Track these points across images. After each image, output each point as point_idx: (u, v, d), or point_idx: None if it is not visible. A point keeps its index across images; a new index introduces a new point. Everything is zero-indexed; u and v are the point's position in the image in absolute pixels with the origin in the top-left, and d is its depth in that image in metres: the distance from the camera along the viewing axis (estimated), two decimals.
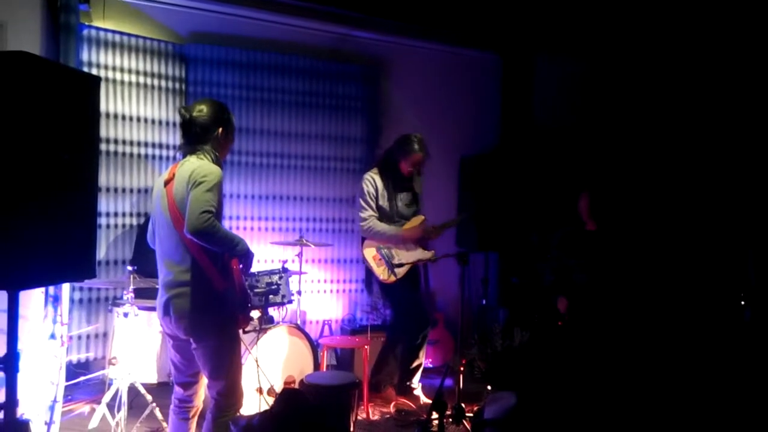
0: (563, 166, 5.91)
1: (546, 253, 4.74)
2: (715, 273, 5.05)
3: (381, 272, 4.38)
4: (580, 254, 4.51)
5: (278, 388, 3.85)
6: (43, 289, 3.80)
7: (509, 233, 5.73)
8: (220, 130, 2.93)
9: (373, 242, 4.45)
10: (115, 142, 4.69)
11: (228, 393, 2.89)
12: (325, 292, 5.56)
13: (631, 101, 5.87)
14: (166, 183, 2.87)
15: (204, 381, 2.97)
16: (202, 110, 2.90)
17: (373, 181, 4.44)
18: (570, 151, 5.93)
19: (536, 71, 6.21)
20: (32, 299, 3.69)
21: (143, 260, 4.32)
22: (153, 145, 4.87)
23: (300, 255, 4.72)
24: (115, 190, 4.70)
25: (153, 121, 4.87)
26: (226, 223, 4.91)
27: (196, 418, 3.03)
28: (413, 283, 4.52)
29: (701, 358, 4.28)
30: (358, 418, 3.92)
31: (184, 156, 2.91)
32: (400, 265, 4.32)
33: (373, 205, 4.42)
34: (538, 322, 5.04)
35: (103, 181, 4.60)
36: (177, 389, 3.03)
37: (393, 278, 4.32)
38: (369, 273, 4.52)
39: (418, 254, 4.44)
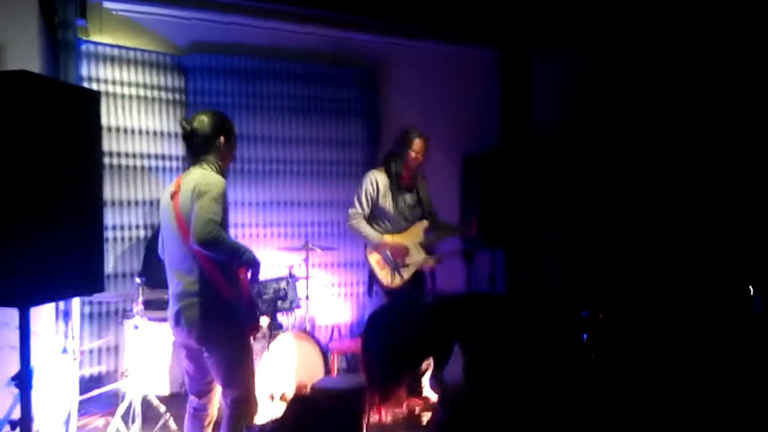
0: (566, 160, 5.91)
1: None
2: (723, 268, 5.04)
3: (384, 276, 4.34)
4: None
5: (290, 394, 3.86)
6: (53, 304, 3.82)
7: (516, 229, 5.73)
8: (222, 139, 2.96)
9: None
10: (119, 155, 4.70)
11: (242, 401, 2.92)
12: (333, 296, 5.57)
13: (631, 94, 5.87)
14: (172, 195, 2.90)
15: (218, 390, 2.99)
16: (202, 121, 2.93)
17: (375, 179, 4.40)
18: (572, 145, 5.93)
19: (534, 65, 6.20)
20: (42, 315, 3.71)
21: (151, 272, 4.34)
22: (156, 157, 4.89)
23: (306, 260, 4.72)
24: (121, 203, 4.71)
25: (155, 133, 4.88)
26: (231, 231, 4.92)
27: (211, 427, 3.06)
28: (417, 286, 4.50)
29: (710, 356, 4.26)
30: (371, 420, 3.92)
31: (189, 167, 2.94)
32: (405, 266, 4.31)
33: (366, 204, 4.38)
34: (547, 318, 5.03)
35: (108, 194, 4.62)
36: (192, 398, 3.05)
37: (398, 281, 4.30)
38: (371, 277, 4.49)
39: (423, 258, 4.42)
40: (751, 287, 4.77)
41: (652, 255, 5.44)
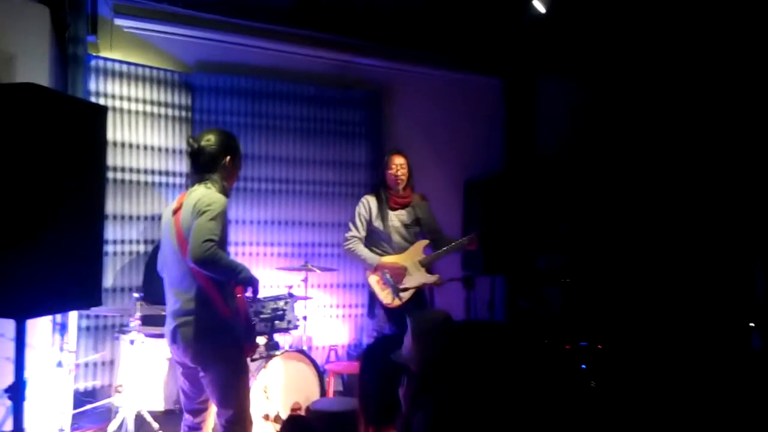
0: (568, 186, 5.92)
1: None
2: (723, 302, 5.01)
3: (385, 296, 4.35)
4: None
5: (284, 414, 3.83)
6: (50, 317, 3.81)
7: (516, 256, 5.72)
8: (228, 158, 2.98)
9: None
10: (122, 170, 4.73)
11: (237, 421, 2.90)
12: (331, 317, 5.55)
13: (633, 120, 5.91)
14: (174, 212, 2.91)
15: (213, 408, 2.97)
16: (209, 140, 2.95)
17: (367, 203, 4.46)
18: (574, 171, 5.96)
19: (539, 94, 6.26)
20: (39, 327, 3.70)
21: (150, 287, 4.34)
22: (160, 173, 4.91)
23: (305, 280, 4.72)
24: (122, 217, 4.73)
25: (160, 149, 4.92)
26: (231, 249, 4.93)
27: None
28: (419, 307, 4.49)
29: (708, 390, 4.23)
30: None
31: (193, 185, 2.95)
32: (405, 290, 4.30)
33: (361, 227, 4.42)
34: (547, 346, 5.01)
35: (110, 208, 4.64)
36: (187, 416, 3.03)
37: (398, 302, 4.30)
38: (372, 298, 4.49)
39: (423, 278, 4.41)
40: (751, 323, 4.75)
41: (653, 284, 5.43)
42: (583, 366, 4.48)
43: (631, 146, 5.92)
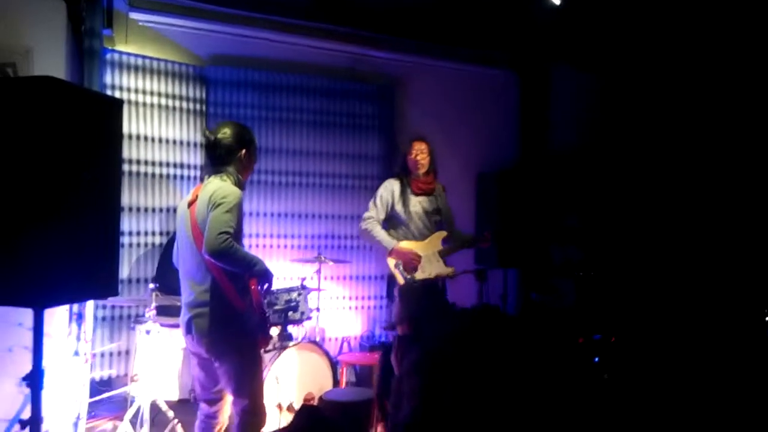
0: (581, 178, 5.90)
1: None
2: (738, 280, 4.98)
3: (402, 280, 4.33)
4: None
5: (297, 405, 3.87)
6: (67, 306, 3.87)
7: (529, 249, 5.71)
8: (244, 151, 3.00)
9: None
10: (138, 162, 4.78)
11: (252, 410, 2.93)
12: (343, 308, 5.59)
13: (648, 113, 5.86)
14: (190, 204, 2.94)
15: (229, 398, 3.01)
16: (225, 132, 2.97)
17: (390, 186, 4.43)
18: (588, 163, 5.93)
19: (553, 86, 6.23)
20: (56, 317, 3.75)
21: (165, 278, 4.39)
22: (175, 165, 4.96)
23: (318, 272, 4.75)
24: (138, 209, 4.78)
25: (174, 142, 4.96)
26: (245, 241, 4.97)
27: None
28: (432, 295, 4.47)
29: (723, 381, 4.20)
30: None
31: (208, 177, 2.98)
32: (417, 277, 4.30)
33: (381, 209, 4.38)
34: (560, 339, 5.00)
35: (126, 200, 4.69)
36: (203, 406, 3.08)
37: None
38: (390, 283, 4.47)
39: (439, 269, 4.40)
40: (767, 315, 4.71)
41: (667, 276, 5.40)
42: (596, 359, 4.47)
43: (646, 139, 5.87)
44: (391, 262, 4.37)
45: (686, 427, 3.75)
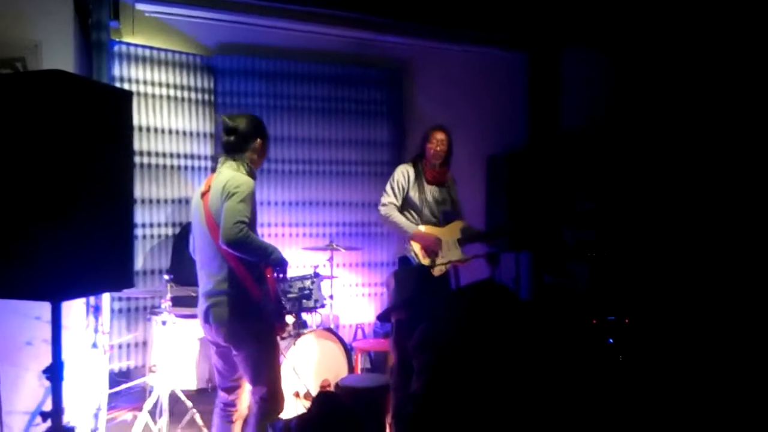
0: (593, 160, 5.85)
1: None
2: (754, 265, 4.93)
3: (427, 264, 4.30)
4: None
5: (314, 391, 3.89)
6: (84, 299, 3.90)
7: (542, 232, 5.69)
8: (259, 141, 3.02)
9: None
10: (149, 154, 4.79)
11: (270, 398, 2.97)
12: (357, 295, 5.60)
13: (659, 93, 5.78)
14: (203, 195, 2.96)
15: (247, 386, 3.04)
16: (244, 121, 3.02)
17: (406, 171, 4.37)
18: (600, 145, 5.88)
19: (563, 66, 6.16)
20: (74, 310, 3.79)
21: (180, 269, 4.42)
22: (185, 156, 4.96)
23: (331, 259, 4.76)
24: (150, 201, 4.80)
25: (184, 133, 4.96)
26: (258, 230, 4.97)
27: (240, 422, 3.11)
28: (444, 282, 4.47)
29: (736, 365, 4.17)
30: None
31: (219, 165, 2.99)
32: (436, 264, 4.29)
33: (398, 194, 4.36)
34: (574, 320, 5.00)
35: (138, 192, 4.70)
36: (221, 394, 3.11)
37: (438, 271, 4.24)
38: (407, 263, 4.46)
39: (456, 256, 4.38)
40: None
41: (682, 258, 5.36)
42: (611, 340, 4.46)
43: (658, 120, 5.81)
44: (416, 246, 4.34)
45: (701, 408, 3.74)
